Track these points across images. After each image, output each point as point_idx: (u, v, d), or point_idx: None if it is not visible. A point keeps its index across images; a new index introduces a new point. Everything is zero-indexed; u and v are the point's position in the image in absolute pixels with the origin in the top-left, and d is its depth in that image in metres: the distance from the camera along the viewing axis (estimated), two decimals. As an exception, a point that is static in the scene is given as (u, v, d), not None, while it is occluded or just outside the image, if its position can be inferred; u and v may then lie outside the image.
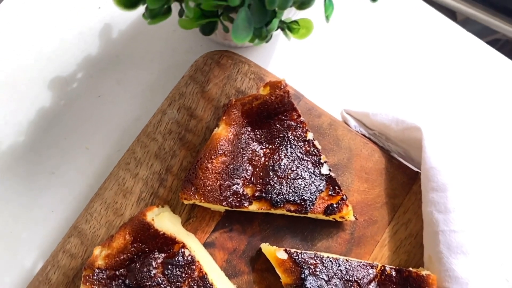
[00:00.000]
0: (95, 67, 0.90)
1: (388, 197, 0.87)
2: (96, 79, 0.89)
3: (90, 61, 0.89)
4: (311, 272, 0.77)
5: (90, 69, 0.89)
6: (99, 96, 0.89)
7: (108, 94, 0.89)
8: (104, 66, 0.89)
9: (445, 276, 0.78)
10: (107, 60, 0.90)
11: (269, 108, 0.80)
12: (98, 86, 0.89)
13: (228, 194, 0.77)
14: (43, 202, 0.85)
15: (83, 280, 0.70)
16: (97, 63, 0.90)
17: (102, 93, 0.89)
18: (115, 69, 0.89)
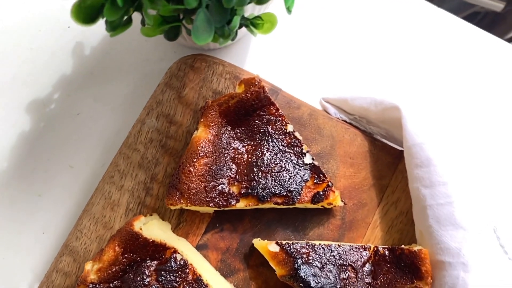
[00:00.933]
0: (71, 85, 0.90)
1: (375, 179, 0.88)
2: (73, 97, 0.90)
3: (66, 80, 0.90)
4: (304, 261, 0.78)
5: (66, 88, 0.90)
6: (78, 114, 0.89)
7: (87, 111, 0.89)
8: (80, 84, 0.90)
9: (437, 249, 0.79)
10: (82, 77, 0.90)
11: (246, 105, 0.80)
12: (76, 104, 0.89)
13: (214, 194, 0.77)
14: (33, 225, 0.86)
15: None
16: (73, 82, 0.90)
17: (81, 111, 0.89)
18: (91, 86, 0.90)
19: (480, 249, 0.79)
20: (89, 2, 0.53)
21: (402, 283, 0.78)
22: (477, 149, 0.96)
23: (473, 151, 0.96)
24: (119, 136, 0.88)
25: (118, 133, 0.89)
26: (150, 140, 0.85)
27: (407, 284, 0.78)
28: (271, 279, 0.83)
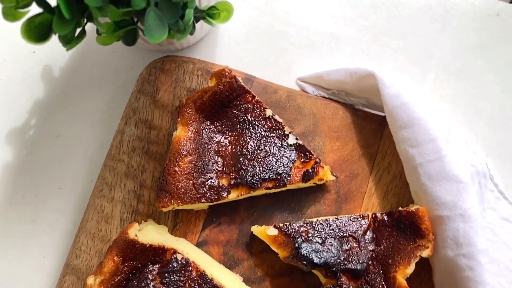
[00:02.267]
0: (46, 109, 0.90)
1: (363, 148, 0.88)
2: (51, 120, 0.90)
3: (40, 104, 0.90)
4: (303, 239, 0.78)
5: (42, 113, 0.90)
6: (58, 136, 0.89)
7: (66, 131, 0.89)
8: (55, 106, 0.90)
9: (434, 205, 0.79)
10: (56, 99, 0.90)
11: (221, 98, 0.80)
12: (54, 126, 0.89)
13: (205, 190, 0.77)
14: (32, 251, 0.86)
15: (85, 312, 0.71)
16: (47, 105, 0.90)
17: (60, 132, 0.89)
18: (66, 106, 0.90)
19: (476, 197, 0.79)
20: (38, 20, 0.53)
21: (405, 244, 0.79)
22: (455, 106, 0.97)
23: (452, 107, 0.96)
24: (102, 150, 0.88)
25: (101, 147, 0.89)
26: (132, 148, 0.85)
27: (410, 245, 0.78)
28: (275, 263, 0.83)
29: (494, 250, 0.86)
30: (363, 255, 0.79)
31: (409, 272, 0.77)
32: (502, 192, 0.90)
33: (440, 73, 0.95)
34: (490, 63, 0.95)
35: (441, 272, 0.80)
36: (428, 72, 0.96)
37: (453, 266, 0.76)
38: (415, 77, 0.95)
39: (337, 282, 0.77)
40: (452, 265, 0.77)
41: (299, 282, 0.83)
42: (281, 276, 0.84)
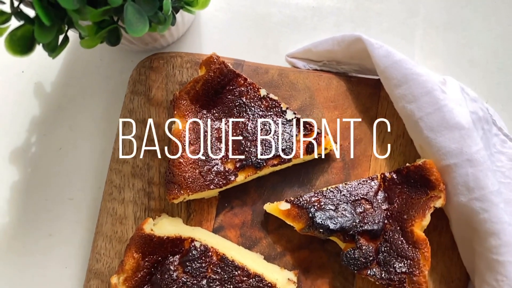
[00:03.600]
0: (44, 125, 0.91)
1: (362, 113, 0.88)
2: (50, 135, 0.91)
3: (37, 121, 0.91)
4: (316, 208, 0.78)
5: (40, 129, 0.91)
6: (60, 149, 0.90)
7: (67, 143, 0.90)
8: (52, 120, 0.91)
9: (440, 155, 0.79)
10: (52, 114, 0.91)
11: (213, 85, 0.81)
12: (55, 140, 0.90)
13: (212, 176, 0.78)
14: (54, 264, 0.87)
15: (114, 311, 0.72)
16: (45, 121, 0.91)
17: (61, 145, 0.90)
18: (63, 119, 0.91)
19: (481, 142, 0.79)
20: (20, 33, 0.54)
21: (418, 198, 0.79)
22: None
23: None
24: (105, 155, 0.89)
25: (103, 153, 0.89)
26: (137, 148, 0.86)
27: (422, 197, 0.79)
28: (293, 237, 0.84)
29: (508, 192, 0.86)
30: (377, 215, 0.79)
31: (425, 224, 0.77)
32: (507, 135, 0.90)
33: (428, 29, 0.95)
34: (476, 11, 0.95)
35: (457, 219, 0.80)
36: (416, 29, 0.96)
37: (468, 211, 0.77)
38: (404, 36, 0.95)
39: (356, 245, 0.77)
40: (467, 210, 0.77)
41: (320, 252, 0.84)
42: (300, 249, 0.84)
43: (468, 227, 0.79)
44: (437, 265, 0.85)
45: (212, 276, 0.73)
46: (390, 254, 0.77)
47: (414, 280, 0.75)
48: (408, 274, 0.75)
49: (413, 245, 0.76)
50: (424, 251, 0.75)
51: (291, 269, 0.82)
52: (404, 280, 0.75)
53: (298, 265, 0.84)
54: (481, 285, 0.77)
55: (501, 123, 0.90)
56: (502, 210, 0.74)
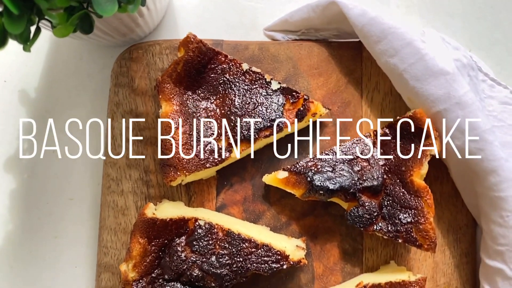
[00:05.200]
0: (34, 130, 0.91)
1: (347, 76, 0.89)
2: (41, 139, 0.87)
3: (27, 128, 0.88)
4: (314, 172, 0.79)
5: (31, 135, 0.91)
6: (53, 152, 0.90)
7: (60, 145, 0.87)
8: (41, 125, 0.88)
9: (429, 103, 0.80)
10: (40, 119, 0.90)
11: (194, 65, 0.81)
12: (47, 144, 0.90)
13: (206, 155, 0.78)
14: (63, 264, 0.88)
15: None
16: (34, 126, 0.91)
17: (54, 148, 0.90)
18: (52, 122, 0.91)
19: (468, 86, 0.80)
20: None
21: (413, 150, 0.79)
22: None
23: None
24: (99, 151, 0.89)
25: (96, 149, 0.89)
26: (126, 140, 0.86)
27: (418, 148, 0.79)
28: (296, 205, 0.85)
29: (503, 134, 0.86)
30: (375, 171, 0.79)
31: (424, 172, 0.78)
32: (494, 79, 0.90)
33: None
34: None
35: (456, 165, 0.81)
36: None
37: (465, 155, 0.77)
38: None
39: (358, 203, 0.78)
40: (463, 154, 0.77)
41: (324, 216, 0.85)
42: (305, 217, 0.85)
43: (467, 172, 0.79)
44: (443, 215, 0.85)
45: (220, 252, 0.73)
46: (394, 207, 0.77)
47: (421, 228, 0.75)
48: (414, 223, 0.76)
49: (414, 194, 0.76)
50: (426, 198, 0.76)
51: (298, 237, 0.83)
52: (411, 230, 0.76)
53: (305, 232, 0.84)
54: (488, 225, 0.78)
55: (487, 69, 0.90)
56: (497, 147, 0.75)
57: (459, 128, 0.76)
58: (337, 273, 0.83)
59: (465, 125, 0.76)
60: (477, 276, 0.84)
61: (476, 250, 0.85)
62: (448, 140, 0.78)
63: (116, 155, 0.85)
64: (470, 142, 0.75)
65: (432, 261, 0.84)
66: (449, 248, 0.85)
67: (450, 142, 0.78)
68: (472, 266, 0.85)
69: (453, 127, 0.77)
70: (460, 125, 0.76)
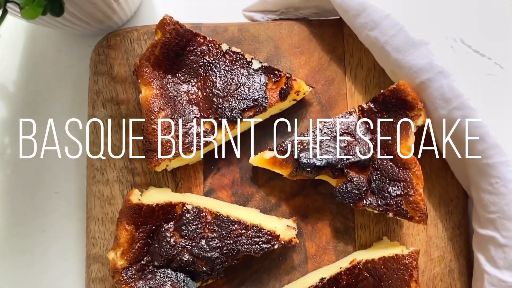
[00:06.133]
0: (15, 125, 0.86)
1: (329, 54, 0.88)
2: (23, 134, 0.89)
3: (7, 123, 0.87)
4: (300, 150, 0.78)
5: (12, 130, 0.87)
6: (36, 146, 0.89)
7: (42, 139, 0.88)
8: (19, 120, 0.90)
9: (412, 74, 0.79)
10: (20, 113, 0.88)
11: (171, 47, 0.79)
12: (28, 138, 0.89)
13: (190, 139, 0.77)
14: (52, 259, 0.87)
15: (117, 286, 0.71)
16: (14, 121, 0.87)
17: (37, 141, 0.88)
18: (33, 115, 0.88)
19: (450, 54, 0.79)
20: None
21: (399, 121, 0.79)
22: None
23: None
24: (82, 142, 0.88)
25: (80, 140, 0.89)
26: (105, 133, 0.85)
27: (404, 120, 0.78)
28: (285, 186, 0.84)
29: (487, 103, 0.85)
30: (362, 146, 0.79)
31: (410, 143, 0.77)
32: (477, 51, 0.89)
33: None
34: None
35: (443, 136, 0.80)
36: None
37: (451, 123, 0.76)
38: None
39: (347, 178, 0.77)
40: (449, 123, 0.77)
41: (314, 196, 0.84)
42: (294, 197, 0.84)
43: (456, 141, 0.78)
44: (434, 188, 0.85)
45: (210, 235, 0.73)
46: (382, 181, 0.76)
47: (411, 200, 0.75)
48: (404, 195, 0.75)
49: (402, 166, 0.76)
50: (415, 170, 0.75)
51: (289, 218, 0.82)
52: (401, 203, 0.75)
53: (295, 212, 0.83)
54: (478, 194, 0.77)
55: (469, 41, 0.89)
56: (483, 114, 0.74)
57: (444, 97, 0.76)
58: (330, 252, 0.83)
59: (449, 93, 0.75)
60: (470, 247, 0.84)
61: (468, 222, 0.85)
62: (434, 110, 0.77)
63: (99, 144, 0.83)
64: (456, 111, 0.75)
65: (425, 235, 0.84)
66: (442, 221, 0.84)
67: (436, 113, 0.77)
68: (465, 238, 0.84)
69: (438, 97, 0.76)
70: (445, 94, 0.76)
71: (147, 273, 0.72)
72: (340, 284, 0.75)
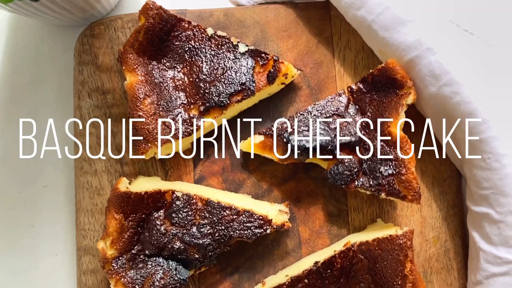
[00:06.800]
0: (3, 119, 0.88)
1: (317, 36, 0.87)
2: (9, 127, 0.85)
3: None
4: (290, 132, 0.77)
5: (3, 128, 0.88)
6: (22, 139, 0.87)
7: (29, 132, 0.87)
8: (7, 112, 0.86)
9: (400, 52, 0.78)
10: (5, 106, 0.88)
11: (155, 32, 0.78)
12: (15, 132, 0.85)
13: (178, 125, 0.76)
14: (42, 253, 0.85)
15: (108, 276, 0.70)
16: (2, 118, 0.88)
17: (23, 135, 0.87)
18: (18, 109, 0.87)
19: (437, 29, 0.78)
20: None
21: (389, 100, 0.78)
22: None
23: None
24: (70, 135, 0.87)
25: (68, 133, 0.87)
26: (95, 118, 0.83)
27: (393, 98, 0.77)
28: (276, 171, 0.83)
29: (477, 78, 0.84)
30: (352, 127, 0.78)
31: (401, 122, 0.76)
32: (466, 30, 0.88)
33: None
34: None
35: (434, 114, 0.79)
36: None
37: (441, 100, 0.76)
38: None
39: (338, 160, 0.76)
40: (439, 100, 0.76)
41: (306, 180, 0.83)
42: (286, 182, 0.83)
43: (447, 119, 0.78)
44: (426, 168, 0.84)
45: (201, 222, 0.72)
46: (374, 161, 0.76)
47: (403, 179, 0.74)
48: (396, 175, 0.74)
49: (394, 145, 0.75)
50: (406, 148, 0.75)
51: (281, 203, 0.81)
52: (393, 182, 0.74)
53: (288, 197, 0.82)
54: (471, 171, 0.77)
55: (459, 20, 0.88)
56: (472, 88, 0.73)
57: (433, 74, 0.75)
58: (324, 236, 0.82)
59: (438, 70, 0.74)
60: (465, 227, 0.83)
61: (463, 202, 0.84)
62: (424, 88, 0.76)
63: (85, 135, 0.82)
64: (445, 87, 0.74)
65: (420, 216, 0.83)
66: (436, 202, 0.84)
67: (426, 90, 0.76)
68: (460, 218, 0.84)
69: (427, 74, 0.75)
70: (434, 70, 0.75)
71: (138, 262, 0.70)
72: (335, 268, 0.74)
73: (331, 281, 0.74)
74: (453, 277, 0.81)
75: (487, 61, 0.75)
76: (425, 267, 0.82)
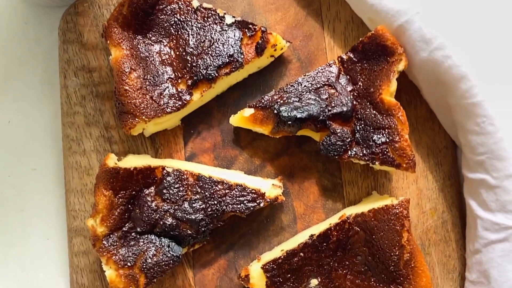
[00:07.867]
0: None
1: (306, 8, 0.85)
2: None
3: None
4: (280, 104, 0.76)
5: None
6: (9, 122, 0.85)
7: (16, 115, 0.84)
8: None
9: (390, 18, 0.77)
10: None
11: (139, 5, 0.76)
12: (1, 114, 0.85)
13: (166, 100, 0.74)
14: (33, 237, 0.84)
15: (99, 255, 0.68)
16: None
17: (10, 118, 0.84)
18: (4, 91, 0.85)
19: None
20: None
21: (380, 68, 0.77)
22: None
23: None
24: (57, 117, 0.85)
25: (55, 116, 0.86)
26: (82, 97, 0.82)
27: (384, 66, 0.76)
28: (269, 146, 0.82)
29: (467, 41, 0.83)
30: (344, 97, 0.76)
31: (393, 90, 0.75)
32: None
33: None
34: None
35: (426, 81, 0.78)
36: None
37: (433, 66, 0.74)
38: None
39: (330, 131, 0.75)
40: (431, 66, 0.74)
41: (299, 154, 0.82)
42: (279, 157, 0.82)
43: (438, 85, 0.76)
44: (421, 139, 0.83)
45: (193, 197, 0.70)
46: (366, 130, 0.74)
47: (397, 147, 0.73)
48: (389, 143, 0.73)
49: (386, 113, 0.74)
50: (399, 115, 0.73)
51: (274, 178, 0.79)
52: (386, 150, 0.73)
53: (281, 172, 0.81)
54: (466, 137, 0.75)
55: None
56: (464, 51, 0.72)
57: (424, 39, 0.73)
58: (319, 211, 0.81)
59: (429, 34, 0.73)
60: (462, 198, 0.82)
61: (459, 172, 0.83)
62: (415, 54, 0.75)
63: (73, 114, 0.80)
64: (436, 51, 0.73)
65: (416, 188, 0.82)
66: (431, 173, 0.83)
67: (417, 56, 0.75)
68: (456, 188, 0.83)
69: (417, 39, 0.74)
70: (424, 35, 0.73)
71: (130, 240, 0.69)
72: (331, 241, 0.73)
73: (328, 254, 0.73)
74: (451, 248, 0.80)
75: (477, 22, 0.73)
76: (423, 239, 0.80)
